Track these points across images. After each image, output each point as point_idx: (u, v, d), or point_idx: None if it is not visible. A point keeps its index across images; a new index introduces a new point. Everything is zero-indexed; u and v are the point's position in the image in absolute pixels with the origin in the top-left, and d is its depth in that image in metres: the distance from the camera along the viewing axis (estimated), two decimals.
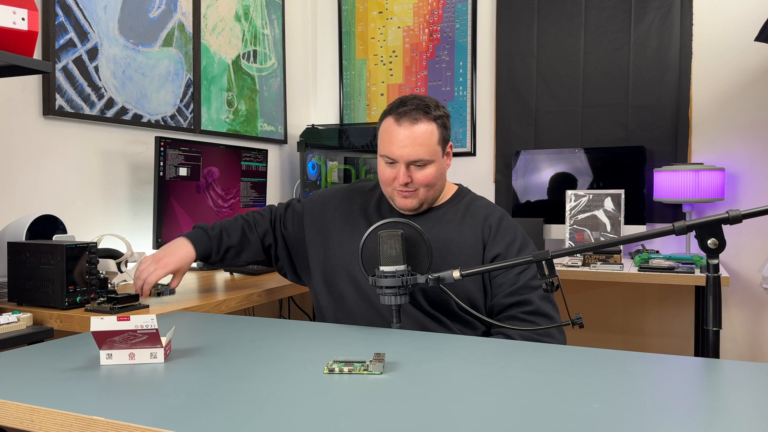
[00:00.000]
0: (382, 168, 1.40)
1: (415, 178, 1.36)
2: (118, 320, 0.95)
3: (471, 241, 1.39)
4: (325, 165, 3.14)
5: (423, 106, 1.36)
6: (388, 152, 1.37)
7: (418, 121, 1.34)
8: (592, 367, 0.96)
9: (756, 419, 0.73)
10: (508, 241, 1.39)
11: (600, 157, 2.84)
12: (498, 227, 1.40)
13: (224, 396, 0.81)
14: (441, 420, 0.73)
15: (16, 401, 0.80)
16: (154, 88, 2.39)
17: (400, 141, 1.34)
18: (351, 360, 0.95)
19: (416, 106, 1.35)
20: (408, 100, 1.37)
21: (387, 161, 1.38)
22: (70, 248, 1.50)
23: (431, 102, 1.38)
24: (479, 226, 1.41)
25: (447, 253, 1.37)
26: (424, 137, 1.34)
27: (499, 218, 1.43)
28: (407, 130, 1.34)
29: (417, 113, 1.34)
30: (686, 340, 2.80)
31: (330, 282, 1.46)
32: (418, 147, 1.34)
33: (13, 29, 1.42)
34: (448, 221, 1.42)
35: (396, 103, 1.39)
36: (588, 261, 2.43)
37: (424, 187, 1.38)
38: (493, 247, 1.38)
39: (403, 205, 1.41)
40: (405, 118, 1.35)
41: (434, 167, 1.37)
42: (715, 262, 1.05)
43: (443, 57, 3.23)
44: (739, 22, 2.68)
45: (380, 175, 1.42)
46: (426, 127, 1.35)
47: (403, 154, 1.35)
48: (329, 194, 1.59)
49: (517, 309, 1.33)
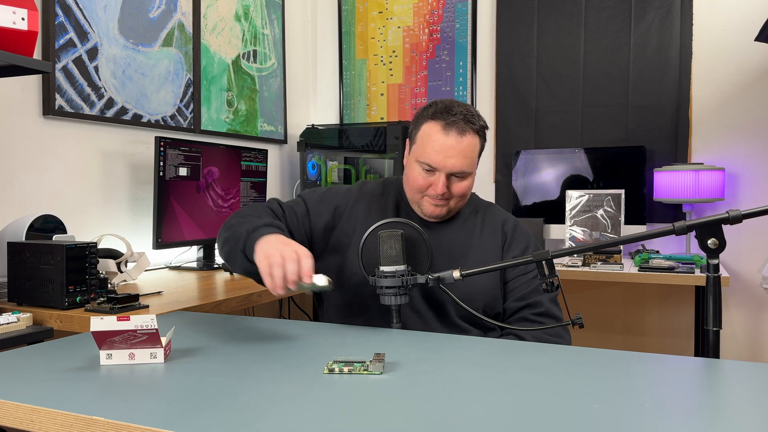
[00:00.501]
0: (417, 173, 1.33)
1: (453, 189, 1.33)
2: (118, 320, 0.95)
3: (491, 248, 1.39)
4: (325, 165, 3.13)
5: (470, 116, 1.31)
6: (430, 160, 1.30)
7: (466, 133, 1.30)
8: (592, 367, 0.96)
9: (756, 419, 0.73)
10: (522, 247, 1.41)
11: (600, 157, 2.84)
12: (513, 233, 1.42)
13: (224, 396, 0.81)
14: (441, 420, 0.73)
15: (16, 401, 0.80)
16: (154, 88, 2.39)
17: (446, 151, 1.29)
18: (351, 360, 0.95)
19: (464, 117, 1.30)
20: (454, 107, 1.31)
21: (425, 168, 1.32)
22: (70, 248, 1.50)
23: (475, 112, 1.34)
24: (498, 232, 1.42)
25: (470, 261, 1.36)
26: (469, 149, 1.31)
27: (514, 225, 1.45)
28: (455, 140, 1.29)
29: (465, 124, 1.30)
30: (686, 340, 2.80)
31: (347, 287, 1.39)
32: (463, 159, 1.30)
33: (13, 29, 1.42)
34: (470, 228, 1.41)
35: (440, 108, 1.32)
36: (588, 261, 2.43)
37: (458, 197, 1.35)
38: (510, 251, 1.40)
39: (433, 212, 1.36)
40: (454, 128, 1.29)
41: (471, 179, 1.35)
42: (715, 262, 1.05)
43: (443, 57, 3.23)
44: (739, 22, 2.68)
45: (412, 180, 1.35)
46: (472, 139, 1.31)
47: (447, 165, 1.29)
48: (335, 196, 1.46)
49: (527, 311, 1.35)
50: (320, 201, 1.44)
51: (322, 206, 1.42)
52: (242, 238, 1.20)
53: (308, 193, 1.47)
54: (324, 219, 1.41)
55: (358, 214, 1.41)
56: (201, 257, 2.45)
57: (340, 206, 1.43)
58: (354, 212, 1.42)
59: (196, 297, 1.71)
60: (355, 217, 1.41)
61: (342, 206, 1.43)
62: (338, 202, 1.43)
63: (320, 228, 1.40)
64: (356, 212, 1.42)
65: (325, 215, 1.41)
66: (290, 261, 1.06)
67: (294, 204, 1.44)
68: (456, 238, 1.38)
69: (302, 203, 1.43)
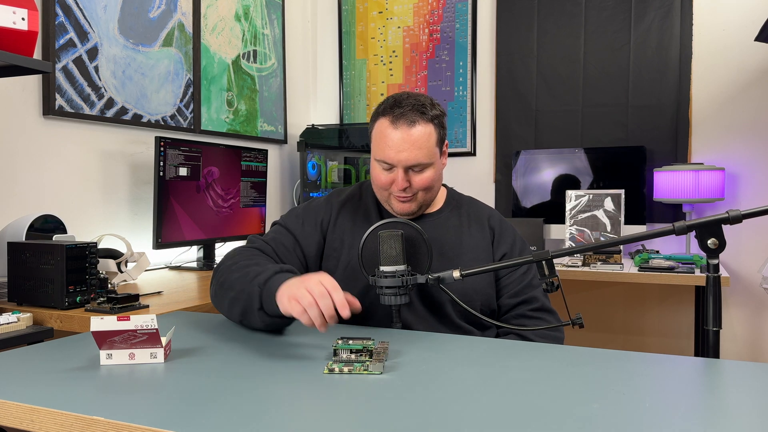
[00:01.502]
0: (378, 172, 1.32)
1: (414, 183, 1.30)
2: (118, 320, 0.95)
3: (482, 244, 1.39)
4: (325, 165, 3.14)
5: (419, 105, 1.28)
6: (385, 156, 1.28)
7: (416, 123, 1.26)
8: (592, 367, 0.95)
9: (756, 419, 0.73)
10: (510, 240, 1.41)
11: (600, 157, 2.84)
12: (500, 227, 1.42)
13: (224, 396, 0.81)
14: (441, 420, 0.73)
15: (16, 401, 0.80)
16: (154, 88, 2.39)
17: (397, 145, 1.26)
18: (351, 360, 0.95)
19: (412, 107, 1.27)
20: (402, 100, 1.28)
21: (383, 166, 1.30)
22: (70, 248, 1.50)
23: (426, 101, 1.31)
24: (485, 228, 1.41)
25: (465, 259, 1.35)
26: (422, 140, 1.27)
27: (499, 219, 1.45)
28: (404, 133, 1.26)
29: (414, 114, 1.26)
30: (686, 340, 2.80)
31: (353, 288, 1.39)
32: (417, 151, 1.26)
33: (13, 29, 1.42)
34: (454, 226, 1.40)
35: (390, 102, 1.30)
36: (588, 261, 2.43)
37: (422, 190, 1.32)
38: (500, 247, 1.39)
39: (401, 210, 1.35)
40: (401, 120, 1.26)
41: (432, 170, 1.31)
42: (715, 262, 1.05)
43: (443, 57, 3.23)
44: (739, 22, 2.68)
45: (375, 179, 1.34)
46: (424, 129, 1.27)
47: (401, 159, 1.27)
48: (315, 211, 1.41)
49: (524, 307, 1.35)
50: (303, 222, 1.39)
51: (308, 227, 1.38)
52: (255, 297, 1.11)
53: (287, 219, 1.41)
54: (314, 240, 1.37)
55: (344, 224, 1.39)
56: (201, 257, 2.45)
57: (324, 220, 1.39)
58: (339, 223, 1.39)
59: (196, 297, 1.71)
60: (341, 228, 1.38)
61: (325, 219, 1.39)
62: (320, 216, 1.40)
63: (313, 252, 1.37)
64: (341, 223, 1.39)
65: (314, 235, 1.37)
66: (322, 297, 1.00)
67: (279, 236, 1.37)
68: (445, 236, 1.37)
69: (286, 232, 1.38)
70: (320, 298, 1.00)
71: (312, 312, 0.99)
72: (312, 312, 0.99)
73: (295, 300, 1.01)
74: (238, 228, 2.57)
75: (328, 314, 0.99)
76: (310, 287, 1.01)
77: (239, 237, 2.58)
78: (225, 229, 2.49)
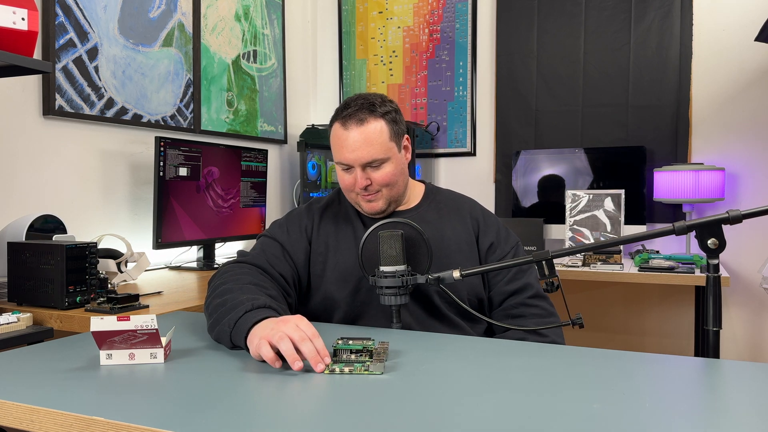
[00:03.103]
0: (341, 176, 1.35)
1: (374, 179, 1.32)
2: (118, 320, 0.95)
3: (465, 236, 1.39)
4: (325, 165, 3.13)
5: (367, 104, 1.31)
6: (341, 158, 1.32)
7: (365, 121, 1.30)
8: (592, 367, 0.95)
9: (756, 419, 0.73)
10: (494, 229, 1.42)
11: (600, 157, 2.84)
12: (483, 217, 1.44)
13: (224, 396, 0.81)
14: (441, 420, 0.73)
15: (16, 401, 0.80)
16: (154, 88, 2.39)
17: (350, 144, 1.30)
18: (351, 360, 0.95)
19: (360, 106, 1.31)
20: (351, 102, 1.32)
21: (343, 168, 1.33)
22: (70, 248, 1.50)
23: (376, 99, 1.34)
24: (467, 219, 1.42)
25: (447, 252, 1.36)
26: (374, 136, 1.30)
27: (480, 209, 1.46)
28: (355, 132, 1.29)
29: (362, 113, 1.30)
30: (686, 340, 2.80)
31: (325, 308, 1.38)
32: (369, 147, 1.29)
33: (13, 29, 1.42)
34: (433, 220, 1.40)
35: (340, 107, 1.34)
36: (588, 261, 2.43)
37: (385, 187, 1.34)
38: (485, 237, 1.40)
39: (370, 209, 1.36)
40: (351, 120, 1.30)
41: (391, 165, 1.33)
42: (715, 262, 1.05)
43: (443, 57, 3.23)
44: (739, 22, 2.68)
45: (341, 183, 1.37)
46: (374, 125, 1.30)
47: (356, 157, 1.30)
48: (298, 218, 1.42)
49: (521, 295, 1.36)
50: (288, 230, 1.39)
51: (293, 234, 1.38)
52: (226, 336, 1.06)
53: (271, 230, 1.41)
54: (301, 246, 1.37)
55: (327, 228, 1.40)
56: (201, 257, 2.45)
57: (307, 226, 1.40)
58: (322, 228, 1.40)
59: (196, 297, 1.71)
60: (324, 232, 1.40)
61: (309, 225, 1.40)
62: (304, 222, 1.41)
63: (301, 259, 1.37)
64: (324, 228, 1.40)
65: (300, 241, 1.38)
66: (303, 341, 0.94)
67: (267, 247, 1.36)
68: (426, 230, 1.34)
69: (274, 242, 1.37)
70: (301, 343, 0.94)
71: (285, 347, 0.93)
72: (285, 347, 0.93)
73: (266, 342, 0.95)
74: (238, 228, 2.57)
75: (311, 358, 0.93)
76: (288, 331, 0.95)
77: (239, 237, 2.58)
78: (225, 229, 2.49)
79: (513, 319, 1.34)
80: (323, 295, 1.35)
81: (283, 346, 0.93)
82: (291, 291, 1.33)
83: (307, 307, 1.39)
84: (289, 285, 1.33)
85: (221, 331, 1.07)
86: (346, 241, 1.37)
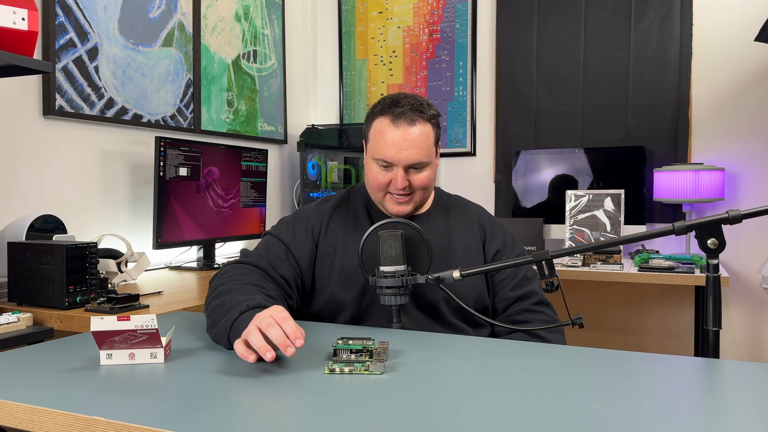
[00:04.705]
0: (376, 172, 1.31)
1: (413, 182, 1.31)
2: (118, 320, 0.95)
3: (472, 243, 1.39)
4: (325, 165, 3.13)
5: (418, 105, 1.30)
6: (384, 155, 1.28)
7: (416, 123, 1.28)
8: (592, 367, 0.96)
9: (756, 419, 0.74)
10: (501, 236, 1.42)
11: (600, 157, 2.84)
12: (490, 224, 1.44)
13: (224, 396, 0.81)
14: (441, 420, 0.73)
15: (16, 401, 0.80)
16: (154, 88, 2.39)
17: (399, 143, 1.27)
18: (351, 360, 0.95)
19: (411, 107, 1.29)
20: (401, 99, 1.30)
21: (382, 165, 1.30)
22: (70, 248, 1.50)
23: (423, 101, 1.33)
24: (475, 226, 1.42)
25: (454, 258, 1.36)
26: (422, 139, 1.28)
27: (488, 217, 1.47)
28: (405, 132, 1.27)
29: (413, 113, 1.28)
30: (686, 340, 2.80)
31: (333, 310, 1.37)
32: (417, 149, 1.27)
33: (13, 29, 1.42)
34: (442, 227, 1.40)
35: (388, 102, 1.31)
36: (588, 261, 2.43)
37: (421, 190, 1.33)
38: (492, 244, 1.40)
39: (397, 211, 1.34)
40: (402, 119, 1.27)
41: (430, 169, 1.33)
42: (715, 262, 1.05)
43: (443, 57, 3.23)
44: (739, 22, 2.68)
45: (372, 179, 1.33)
46: (423, 128, 1.29)
47: (402, 158, 1.27)
48: (305, 217, 1.40)
49: (526, 302, 1.36)
50: (294, 231, 1.37)
51: (299, 235, 1.36)
52: (224, 339, 1.06)
53: (277, 229, 1.40)
54: (306, 247, 1.35)
55: (336, 229, 1.38)
56: (201, 257, 2.45)
57: (314, 226, 1.38)
58: (330, 229, 1.38)
59: (196, 297, 1.71)
60: (333, 233, 1.37)
61: (316, 226, 1.38)
62: (311, 222, 1.38)
63: (306, 260, 1.35)
64: (333, 228, 1.38)
65: (305, 243, 1.36)
66: (270, 327, 0.93)
67: (271, 247, 1.35)
68: (434, 238, 1.36)
69: (278, 242, 1.36)
70: (268, 329, 0.92)
71: (254, 340, 0.91)
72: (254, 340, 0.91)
73: (242, 341, 0.95)
74: (238, 228, 2.57)
75: (279, 343, 0.91)
76: (258, 322, 0.95)
77: (239, 237, 2.58)
78: (225, 229, 2.49)
79: (517, 325, 1.34)
80: (329, 296, 1.34)
81: (252, 339, 0.92)
82: (292, 293, 1.32)
83: (312, 308, 1.37)
84: (291, 287, 1.32)
85: (219, 333, 1.07)
86: (354, 244, 1.35)
